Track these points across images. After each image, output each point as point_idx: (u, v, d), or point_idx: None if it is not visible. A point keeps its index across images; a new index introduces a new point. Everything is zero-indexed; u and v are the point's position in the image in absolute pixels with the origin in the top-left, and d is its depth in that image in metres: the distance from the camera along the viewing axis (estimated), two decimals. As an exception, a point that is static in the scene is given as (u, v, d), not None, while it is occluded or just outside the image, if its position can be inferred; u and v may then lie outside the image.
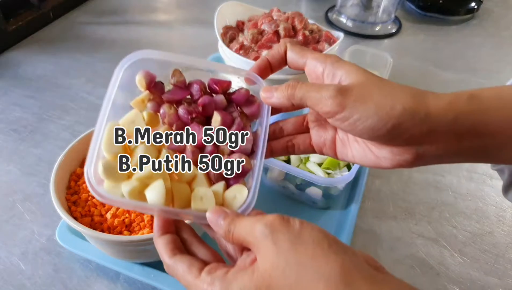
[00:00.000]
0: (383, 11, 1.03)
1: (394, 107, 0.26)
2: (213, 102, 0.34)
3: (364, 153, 0.30)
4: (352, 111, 0.27)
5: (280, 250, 0.24)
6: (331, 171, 0.54)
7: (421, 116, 0.26)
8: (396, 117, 0.26)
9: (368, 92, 0.27)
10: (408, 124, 0.26)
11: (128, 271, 0.46)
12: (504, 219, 0.57)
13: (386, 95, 0.27)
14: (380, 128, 0.26)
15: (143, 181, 0.29)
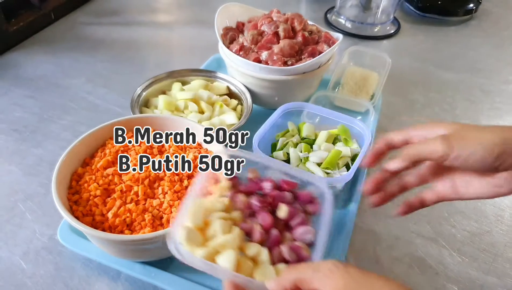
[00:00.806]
0: (382, 12, 1.03)
1: (494, 138, 0.33)
2: (281, 196, 0.41)
3: (483, 187, 0.36)
4: (461, 148, 0.33)
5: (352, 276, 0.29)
6: (330, 170, 0.55)
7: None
8: (499, 144, 0.32)
9: (467, 133, 0.34)
10: (509, 149, 0.32)
11: (129, 270, 0.47)
12: (503, 219, 0.57)
13: (484, 132, 0.33)
14: (488, 157, 0.32)
15: (216, 249, 0.35)
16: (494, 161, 0.33)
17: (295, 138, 0.60)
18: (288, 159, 0.57)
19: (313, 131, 0.61)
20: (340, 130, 0.60)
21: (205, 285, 0.46)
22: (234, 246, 0.36)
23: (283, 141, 0.60)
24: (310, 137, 0.60)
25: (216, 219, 0.38)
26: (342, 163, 0.56)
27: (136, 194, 0.46)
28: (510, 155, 0.32)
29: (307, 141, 0.59)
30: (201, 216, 0.37)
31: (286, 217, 0.40)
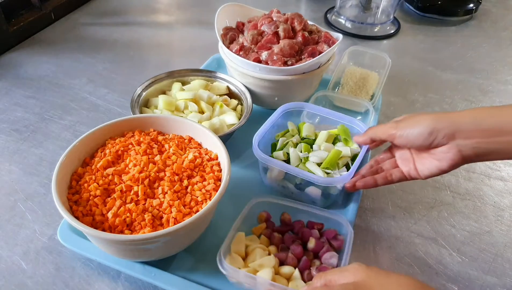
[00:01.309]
0: (382, 12, 1.03)
1: (427, 120, 0.42)
2: (310, 232, 0.50)
3: (431, 163, 0.44)
4: (403, 129, 0.44)
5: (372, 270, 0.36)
6: (330, 170, 0.55)
7: (447, 121, 0.41)
8: (431, 124, 0.42)
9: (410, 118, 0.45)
10: (439, 127, 0.41)
11: (129, 270, 0.47)
12: (503, 219, 0.57)
13: (422, 117, 0.43)
14: (423, 133, 0.42)
15: (255, 269, 0.44)
16: (428, 136, 0.42)
17: (295, 138, 0.60)
18: (288, 159, 0.57)
19: (313, 131, 0.61)
20: (340, 130, 0.60)
21: (205, 285, 0.46)
22: (270, 266, 0.45)
23: (283, 141, 0.59)
24: (310, 137, 0.60)
25: (255, 248, 0.47)
26: (342, 163, 0.56)
27: (136, 194, 0.46)
28: (440, 131, 0.41)
29: (307, 141, 0.59)
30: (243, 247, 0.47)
31: (314, 248, 0.48)
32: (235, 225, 0.48)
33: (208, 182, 0.48)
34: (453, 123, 0.40)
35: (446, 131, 0.41)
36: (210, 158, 0.52)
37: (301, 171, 0.51)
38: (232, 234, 0.47)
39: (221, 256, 0.43)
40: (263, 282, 0.42)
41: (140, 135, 0.54)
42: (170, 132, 0.56)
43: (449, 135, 0.41)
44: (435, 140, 0.41)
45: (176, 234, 0.41)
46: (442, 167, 0.43)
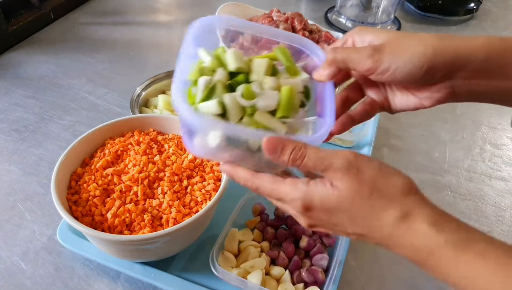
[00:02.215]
0: (383, 12, 1.03)
1: (426, 51, 0.30)
2: (302, 229, 0.49)
3: (408, 98, 0.35)
4: (390, 63, 0.31)
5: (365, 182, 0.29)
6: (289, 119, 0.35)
7: (450, 54, 0.30)
8: (429, 60, 0.30)
9: (400, 43, 0.31)
10: (440, 64, 0.30)
11: (129, 271, 0.47)
12: (503, 219, 0.57)
13: (417, 43, 0.31)
14: (417, 73, 0.31)
15: (247, 270, 0.45)
16: (422, 75, 0.31)
17: (220, 74, 0.36)
18: (223, 113, 0.34)
19: (242, 60, 0.37)
20: (277, 52, 0.38)
21: (204, 285, 0.45)
22: (261, 267, 0.45)
23: (207, 83, 0.35)
24: (242, 70, 0.37)
25: (248, 246, 0.47)
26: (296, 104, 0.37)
27: (135, 194, 0.46)
28: (439, 70, 0.31)
29: (240, 79, 0.36)
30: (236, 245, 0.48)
31: (306, 246, 0.48)
32: (231, 218, 0.49)
33: (208, 182, 0.48)
34: (458, 58, 0.30)
35: (447, 70, 0.31)
36: (210, 158, 0.52)
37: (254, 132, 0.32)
38: (227, 230, 0.48)
39: (213, 257, 0.44)
40: (253, 287, 0.43)
41: (139, 135, 0.53)
42: (169, 132, 0.56)
43: (447, 74, 0.31)
44: (429, 81, 0.32)
45: (176, 234, 0.41)
46: (422, 106, 0.35)
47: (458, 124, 0.74)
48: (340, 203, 0.30)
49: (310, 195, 0.30)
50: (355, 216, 0.30)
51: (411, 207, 0.29)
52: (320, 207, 0.30)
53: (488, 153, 0.68)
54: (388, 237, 0.29)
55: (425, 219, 0.28)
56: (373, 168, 0.30)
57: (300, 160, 0.30)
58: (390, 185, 0.30)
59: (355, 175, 0.29)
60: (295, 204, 0.31)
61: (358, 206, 0.29)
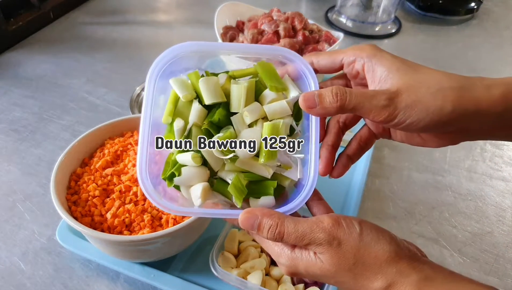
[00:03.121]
0: (383, 11, 1.03)
1: (444, 107, 0.28)
2: None
3: (413, 138, 0.34)
4: (405, 117, 0.29)
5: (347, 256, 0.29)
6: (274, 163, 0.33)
7: (471, 112, 0.29)
8: (447, 115, 0.28)
9: (416, 95, 0.29)
10: (457, 120, 0.29)
11: (128, 271, 0.46)
12: (504, 219, 0.57)
13: (435, 95, 0.29)
14: (432, 127, 0.29)
15: (247, 270, 0.45)
16: (437, 129, 0.30)
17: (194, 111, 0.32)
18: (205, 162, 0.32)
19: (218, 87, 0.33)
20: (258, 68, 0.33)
21: (204, 286, 0.45)
22: (261, 268, 0.45)
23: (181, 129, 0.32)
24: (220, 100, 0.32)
25: (248, 247, 0.47)
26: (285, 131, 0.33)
27: (135, 194, 0.46)
28: (456, 124, 0.29)
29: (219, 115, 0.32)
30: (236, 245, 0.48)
31: None
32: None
33: (208, 182, 0.48)
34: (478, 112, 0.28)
35: (463, 124, 0.29)
36: (209, 158, 0.52)
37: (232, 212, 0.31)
38: (226, 230, 0.48)
39: (213, 257, 0.44)
40: (253, 287, 0.43)
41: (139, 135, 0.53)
42: (169, 132, 0.56)
43: (464, 128, 0.30)
44: (445, 131, 0.31)
45: (176, 235, 0.41)
46: (426, 145, 0.34)
47: (459, 124, 0.73)
48: (324, 273, 0.30)
49: (295, 263, 0.31)
50: (340, 282, 0.31)
51: (394, 276, 0.29)
52: (305, 273, 0.31)
53: (489, 153, 0.68)
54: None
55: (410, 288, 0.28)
56: (354, 239, 0.29)
57: (280, 238, 0.30)
58: (372, 256, 0.29)
59: (336, 248, 0.29)
60: (282, 267, 0.32)
61: (342, 276, 0.30)
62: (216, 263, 0.44)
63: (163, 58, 0.32)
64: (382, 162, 0.65)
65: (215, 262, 0.44)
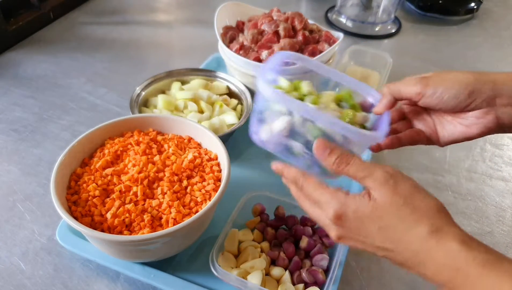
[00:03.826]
0: (383, 11, 1.03)
1: (468, 78, 0.36)
2: (302, 230, 0.50)
3: (455, 127, 0.39)
4: (436, 87, 0.36)
5: (400, 194, 0.31)
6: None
7: (489, 83, 0.36)
8: (471, 84, 0.36)
9: (442, 75, 0.37)
10: (481, 89, 0.36)
11: (128, 271, 0.47)
12: (504, 219, 0.57)
13: (458, 74, 0.37)
14: (461, 94, 0.36)
15: (247, 270, 0.45)
16: (466, 98, 0.36)
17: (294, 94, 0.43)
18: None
19: (313, 90, 0.44)
20: (344, 94, 0.45)
21: (204, 286, 0.45)
22: (261, 268, 0.45)
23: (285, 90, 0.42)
24: (312, 94, 0.43)
25: (248, 246, 0.47)
26: None
27: (135, 194, 0.46)
28: (481, 94, 0.36)
29: (313, 101, 0.41)
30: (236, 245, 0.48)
31: (306, 247, 0.48)
32: (231, 218, 0.49)
33: (208, 182, 0.48)
34: (496, 86, 0.35)
35: (487, 94, 0.35)
36: (209, 158, 0.52)
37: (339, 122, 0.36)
38: (227, 230, 0.48)
39: (213, 257, 0.44)
40: (253, 287, 0.43)
41: (139, 135, 0.53)
42: (169, 132, 0.56)
43: (489, 99, 0.35)
44: (473, 103, 0.36)
45: (176, 234, 0.41)
46: (470, 134, 0.38)
47: (459, 124, 0.73)
48: (373, 211, 0.31)
49: (346, 204, 0.32)
50: (385, 227, 0.31)
51: (442, 224, 0.30)
52: (352, 216, 0.32)
53: (489, 153, 0.68)
54: (415, 254, 0.30)
55: (456, 237, 0.29)
56: (410, 184, 0.32)
57: (344, 165, 0.33)
58: (423, 201, 0.31)
59: (392, 186, 0.31)
60: (329, 210, 0.33)
61: (390, 216, 0.30)
62: (216, 263, 0.44)
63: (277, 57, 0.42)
64: (382, 162, 0.65)
65: (215, 262, 0.44)
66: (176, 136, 0.54)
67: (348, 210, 0.32)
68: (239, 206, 0.50)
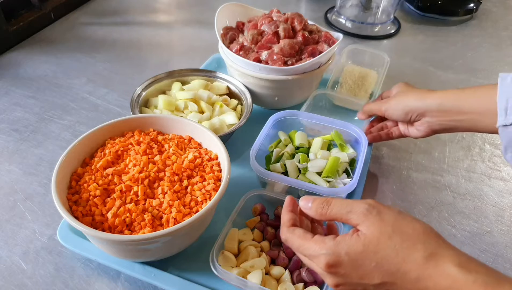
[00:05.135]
0: (382, 12, 1.03)
1: (410, 101, 0.54)
2: None
3: (412, 131, 0.56)
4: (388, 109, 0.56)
5: (386, 223, 0.32)
6: (332, 179, 0.54)
7: (420, 102, 0.52)
8: (408, 106, 0.53)
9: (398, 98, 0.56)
10: (414, 108, 0.53)
11: (129, 270, 0.47)
12: (503, 219, 0.57)
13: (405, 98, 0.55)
14: (402, 113, 0.54)
15: (247, 270, 0.45)
16: (404, 115, 0.54)
17: (289, 148, 0.59)
18: (285, 171, 0.56)
19: (306, 139, 0.60)
20: (333, 135, 0.60)
21: (204, 285, 0.46)
22: (261, 267, 0.46)
23: (278, 152, 0.58)
24: (304, 145, 0.59)
25: (248, 246, 0.48)
26: (341, 170, 0.56)
27: (135, 194, 0.46)
28: (413, 112, 0.53)
29: (302, 151, 0.58)
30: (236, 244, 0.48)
31: None
32: (231, 218, 0.49)
33: (208, 182, 0.48)
34: (424, 105, 0.51)
35: (418, 112, 0.52)
36: (210, 158, 0.52)
37: (304, 184, 0.51)
38: (227, 229, 0.48)
39: (213, 256, 0.45)
40: (253, 286, 0.43)
41: (140, 135, 0.54)
42: (170, 132, 0.56)
43: (420, 114, 0.52)
44: (411, 118, 0.54)
45: (176, 234, 0.41)
46: (420, 135, 0.55)
47: (458, 124, 0.74)
48: (365, 248, 0.31)
49: (336, 251, 0.32)
50: (381, 260, 0.30)
51: (436, 247, 0.30)
52: (346, 260, 0.31)
53: (488, 153, 0.68)
54: (416, 281, 0.29)
55: (453, 260, 0.29)
56: (393, 211, 0.33)
57: (327, 207, 0.35)
58: (411, 227, 0.31)
59: (376, 216, 0.32)
60: (320, 261, 0.33)
61: (383, 248, 0.30)
62: (216, 262, 0.44)
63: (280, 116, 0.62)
64: (381, 162, 0.65)
65: (215, 261, 0.44)
66: (177, 136, 0.55)
67: (340, 256, 0.32)
68: (239, 205, 0.51)
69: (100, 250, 0.47)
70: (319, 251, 0.33)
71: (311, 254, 0.34)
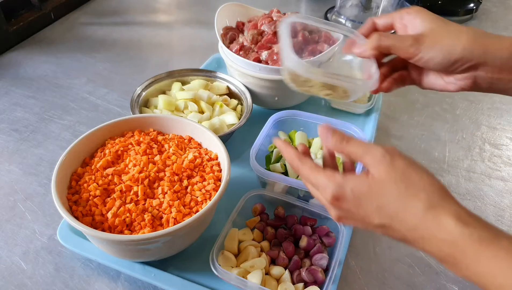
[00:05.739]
0: (382, 12, 1.03)
1: (456, 47, 0.36)
2: (302, 229, 0.50)
3: (437, 80, 0.41)
4: (424, 54, 0.37)
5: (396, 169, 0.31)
6: None
7: (479, 53, 0.36)
8: (458, 53, 0.36)
9: (436, 37, 0.37)
10: (466, 59, 0.36)
11: (129, 270, 0.47)
12: (503, 219, 0.57)
13: (452, 38, 0.36)
14: (445, 63, 0.37)
15: (247, 270, 0.45)
16: (450, 65, 0.37)
17: None
18: (285, 172, 0.56)
19: (306, 139, 0.60)
20: None
21: (204, 285, 0.46)
22: (261, 267, 0.45)
23: (278, 153, 0.59)
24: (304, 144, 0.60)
25: (248, 246, 0.48)
26: (341, 169, 0.55)
27: (135, 194, 0.46)
28: (464, 62, 0.37)
29: None
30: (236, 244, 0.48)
31: (305, 246, 0.48)
32: (231, 218, 0.49)
33: (208, 182, 0.48)
34: (485, 54, 0.36)
35: (471, 63, 0.36)
36: (210, 158, 0.52)
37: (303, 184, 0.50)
38: (227, 229, 0.48)
39: (213, 257, 0.45)
40: (253, 286, 0.43)
41: (140, 135, 0.54)
42: (170, 132, 0.56)
43: (473, 67, 0.37)
44: (457, 69, 0.37)
45: (176, 234, 0.41)
46: (447, 89, 0.41)
47: (458, 124, 0.74)
48: (370, 188, 0.31)
49: (343, 185, 0.32)
50: (383, 203, 0.31)
51: (439, 199, 0.30)
52: (351, 196, 0.32)
53: (488, 153, 0.68)
54: (413, 229, 0.30)
55: (451, 213, 0.29)
56: (406, 160, 0.32)
57: (345, 143, 0.34)
58: (419, 177, 0.31)
59: (388, 161, 0.32)
60: (326, 193, 0.33)
61: (387, 192, 0.31)
62: (216, 262, 0.44)
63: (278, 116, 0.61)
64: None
65: (215, 261, 0.44)
66: (177, 136, 0.55)
67: (346, 191, 0.32)
68: (239, 205, 0.51)
69: (100, 250, 0.47)
70: (327, 183, 0.33)
71: (319, 184, 0.34)
